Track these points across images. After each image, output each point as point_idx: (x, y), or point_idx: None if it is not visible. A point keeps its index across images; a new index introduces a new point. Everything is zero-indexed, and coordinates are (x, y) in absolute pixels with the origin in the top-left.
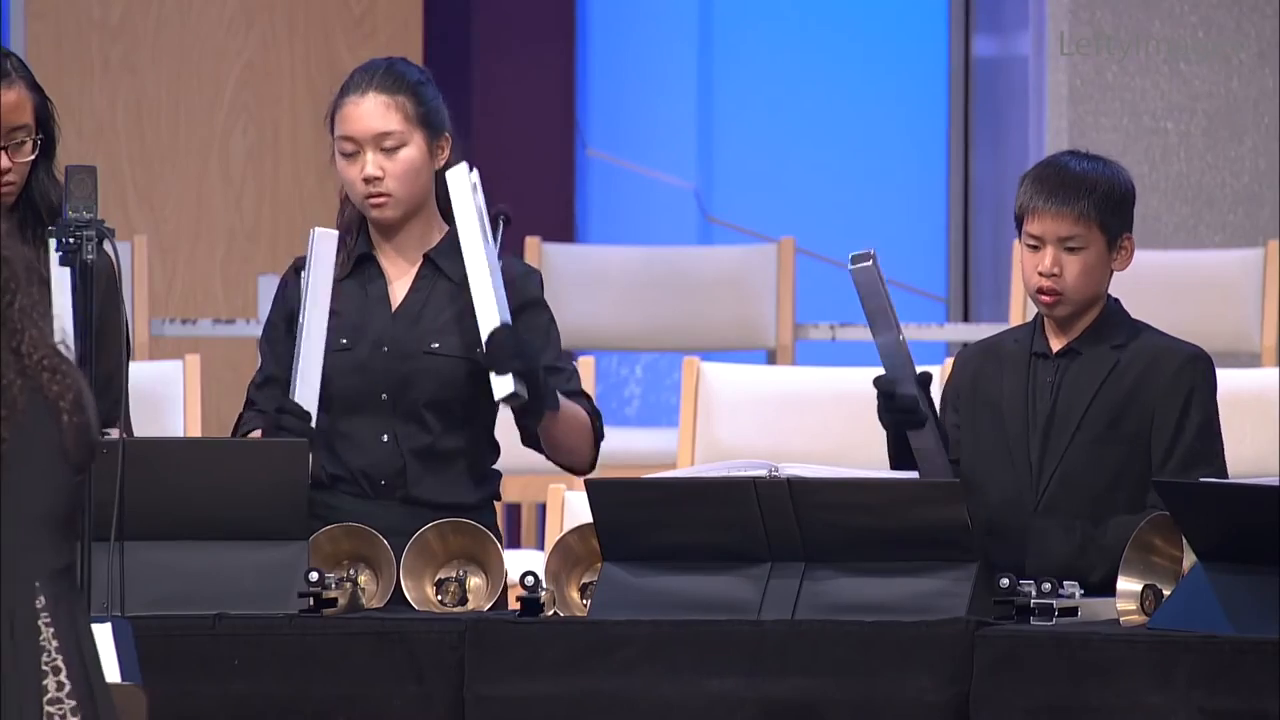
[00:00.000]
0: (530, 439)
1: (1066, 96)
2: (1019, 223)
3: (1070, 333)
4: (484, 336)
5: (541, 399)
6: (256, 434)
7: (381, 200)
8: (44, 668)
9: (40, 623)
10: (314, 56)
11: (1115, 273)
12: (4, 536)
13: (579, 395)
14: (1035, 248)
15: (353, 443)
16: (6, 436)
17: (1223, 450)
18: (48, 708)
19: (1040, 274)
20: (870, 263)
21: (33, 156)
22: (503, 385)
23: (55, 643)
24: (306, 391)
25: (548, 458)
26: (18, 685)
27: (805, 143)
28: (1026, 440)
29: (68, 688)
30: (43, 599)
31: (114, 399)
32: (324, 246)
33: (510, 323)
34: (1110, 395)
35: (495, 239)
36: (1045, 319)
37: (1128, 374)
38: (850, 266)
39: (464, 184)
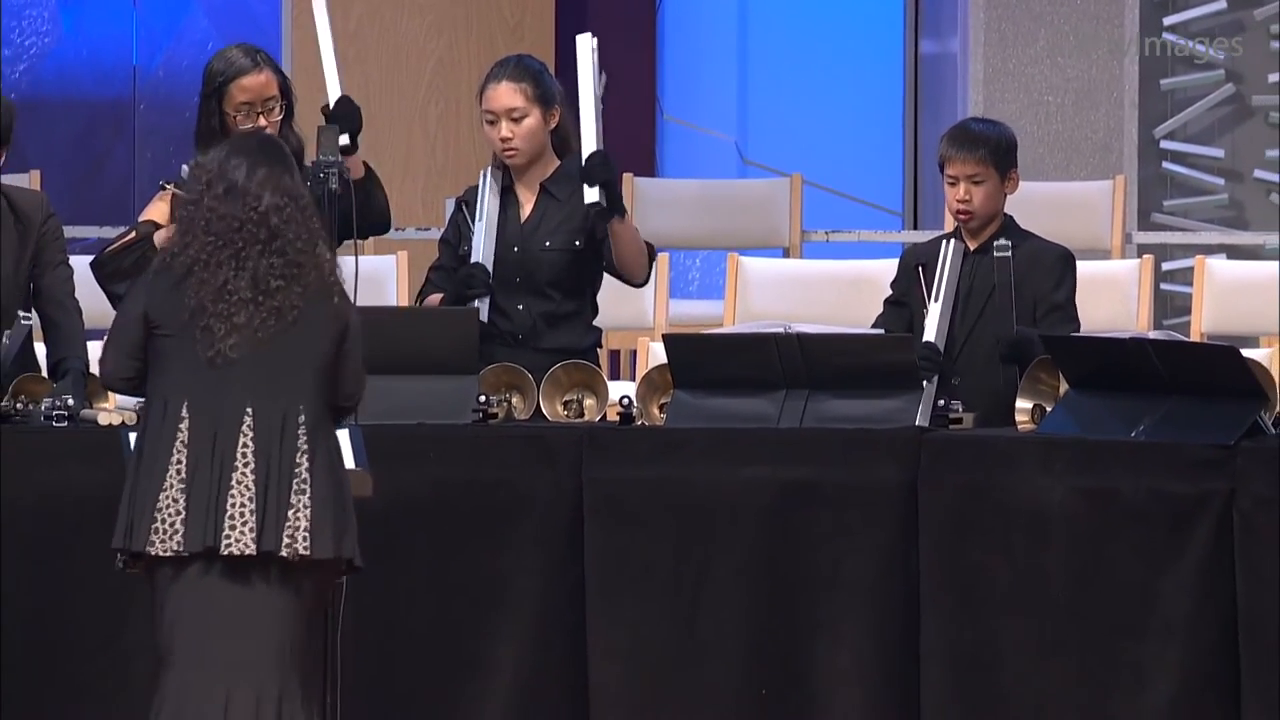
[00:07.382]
0: (607, 251)
1: (982, 80)
2: (941, 167)
3: (980, 238)
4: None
5: (616, 202)
6: (435, 298)
7: (512, 153)
8: (297, 461)
9: (299, 430)
10: (483, 52)
11: (1009, 196)
12: (290, 380)
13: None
14: (953, 184)
15: (500, 311)
16: (301, 306)
17: (1077, 312)
18: (294, 479)
19: (958, 201)
20: None
21: (280, 117)
22: (591, 194)
23: (305, 445)
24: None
25: (615, 268)
26: (280, 464)
27: (810, 111)
28: (952, 307)
29: (308, 477)
30: (303, 417)
31: None
32: (491, 179)
33: (603, 149)
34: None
35: (599, 84)
36: (962, 228)
37: (1021, 263)
38: None
39: (586, 49)
